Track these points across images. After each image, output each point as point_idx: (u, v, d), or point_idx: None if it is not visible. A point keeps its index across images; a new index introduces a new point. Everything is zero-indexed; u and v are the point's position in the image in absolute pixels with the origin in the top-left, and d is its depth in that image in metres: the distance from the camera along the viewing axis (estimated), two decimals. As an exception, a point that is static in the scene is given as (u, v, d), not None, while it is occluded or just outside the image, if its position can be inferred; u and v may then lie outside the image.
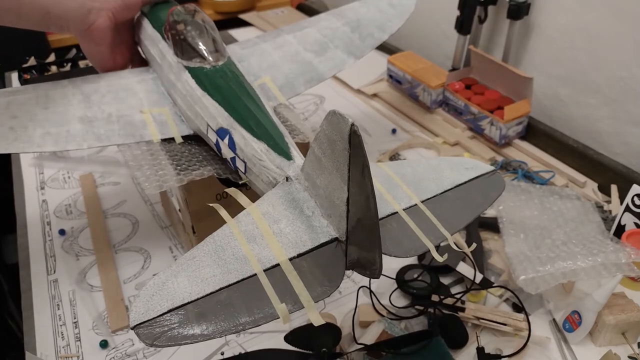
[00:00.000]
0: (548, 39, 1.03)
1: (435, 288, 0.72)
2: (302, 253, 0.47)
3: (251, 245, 0.47)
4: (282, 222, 0.49)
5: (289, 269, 0.45)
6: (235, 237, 0.48)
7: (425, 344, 0.61)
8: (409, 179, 0.56)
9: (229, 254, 0.46)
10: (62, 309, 0.73)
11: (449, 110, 1.12)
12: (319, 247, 0.48)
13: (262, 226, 0.49)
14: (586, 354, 0.65)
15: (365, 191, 0.41)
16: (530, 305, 0.70)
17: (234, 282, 0.44)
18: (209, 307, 0.43)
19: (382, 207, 0.51)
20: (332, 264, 0.47)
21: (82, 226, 0.87)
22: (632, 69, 0.90)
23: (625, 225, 0.78)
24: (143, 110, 0.69)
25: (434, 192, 0.55)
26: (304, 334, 0.62)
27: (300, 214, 0.50)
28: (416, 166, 0.58)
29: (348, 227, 0.45)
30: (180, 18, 0.71)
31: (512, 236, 0.77)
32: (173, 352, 0.67)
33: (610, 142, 0.98)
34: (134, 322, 0.41)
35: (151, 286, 0.44)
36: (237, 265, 0.45)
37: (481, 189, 0.57)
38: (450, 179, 0.56)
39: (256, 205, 0.51)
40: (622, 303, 0.65)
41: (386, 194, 0.53)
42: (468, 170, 0.58)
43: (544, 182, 0.93)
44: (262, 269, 0.45)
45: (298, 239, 0.48)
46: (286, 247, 0.47)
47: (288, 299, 0.44)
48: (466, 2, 1.10)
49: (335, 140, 0.41)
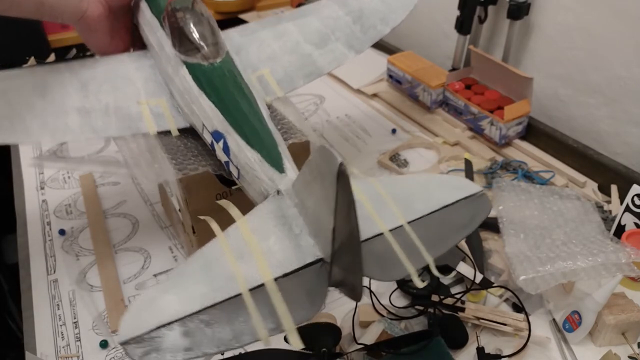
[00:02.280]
0: (548, 39, 1.03)
1: (435, 288, 0.72)
2: (288, 273, 0.47)
3: (239, 263, 0.47)
4: (271, 240, 0.49)
5: (274, 290, 0.45)
6: (224, 253, 0.48)
7: (425, 344, 0.61)
8: (399, 197, 0.54)
9: (218, 271, 0.46)
10: (62, 309, 0.73)
11: (449, 110, 1.12)
12: (305, 267, 0.47)
13: (251, 243, 0.49)
14: (586, 354, 0.65)
15: (351, 225, 0.40)
16: (530, 305, 0.70)
17: (220, 301, 0.44)
18: (196, 326, 0.43)
19: (368, 227, 0.51)
20: (315, 285, 0.47)
21: (82, 226, 0.87)
22: (632, 69, 0.90)
23: (625, 225, 0.78)
24: (140, 101, 0.68)
25: (421, 213, 0.53)
26: (303, 334, 0.62)
27: (289, 232, 0.50)
28: (407, 183, 0.57)
29: (333, 251, 0.44)
30: (180, 6, 0.68)
31: (512, 236, 0.77)
32: (173, 352, 0.67)
33: (610, 142, 0.98)
34: (123, 338, 0.41)
35: (141, 302, 0.44)
36: (224, 283, 0.46)
37: (468, 210, 0.55)
38: (438, 199, 0.55)
39: (246, 220, 0.51)
40: (622, 303, 0.65)
41: (374, 213, 0.52)
42: (457, 190, 0.56)
43: (544, 182, 0.93)
44: (247, 289, 0.45)
45: (285, 258, 0.48)
46: (273, 266, 0.47)
47: (270, 320, 0.44)
48: (466, 2, 1.10)
49: (324, 174, 0.41)
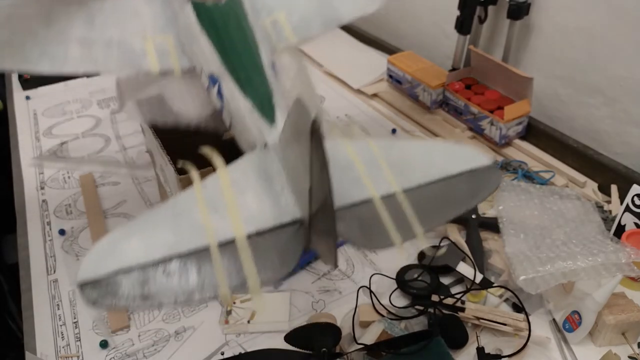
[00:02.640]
0: (548, 39, 1.03)
1: (435, 288, 0.72)
2: (262, 231, 0.45)
3: (212, 215, 0.45)
4: (249, 194, 0.47)
5: (244, 247, 0.43)
6: (197, 204, 0.45)
7: (425, 344, 0.61)
8: (395, 162, 0.51)
9: (187, 221, 0.44)
10: (62, 309, 0.73)
11: (449, 110, 1.12)
12: (281, 227, 0.45)
13: (227, 195, 0.46)
14: (586, 354, 0.65)
15: (324, 188, 0.39)
16: (530, 305, 0.70)
17: (185, 252, 0.42)
18: (155, 275, 0.41)
19: (357, 190, 0.48)
20: (289, 246, 0.44)
21: (82, 226, 0.87)
22: (632, 69, 0.90)
23: (625, 225, 0.78)
24: (146, 37, 0.65)
25: (419, 182, 0.50)
26: (304, 334, 0.62)
27: (269, 188, 0.47)
28: (407, 148, 0.53)
29: (310, 212, 0.42)
30: None
31: (512, 236, 0.77)
32: (173, 352, 0.67)
33: (610, 142, 0.98)
34: (80, 280, 0.40)
35: (104, 244, 0.42)
36: (192, 234, 0.43)
37: (472, 183, 0.51)
38: (440, 169, 0.51)
39: (227, 171, 0.48)
40: (622, 303, 0.65)
41: (365, 176, 0.49)
42: (464, 160, 0.52)
43: (544, 182, 0.93)
44: (216, 243, 0.43)
45: (261, 215, 0.45)
46: (247, 221, 0.45)
47: (235, 277, 0.42)
48: (466, 2, 1.10)
49: (300, 131, 0.39)
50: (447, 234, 0.81)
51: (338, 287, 0.76)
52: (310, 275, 0.78)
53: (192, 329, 0.70)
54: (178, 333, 0.69)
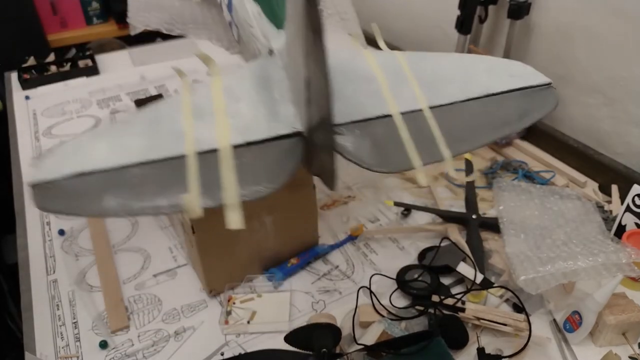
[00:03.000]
0: (548, 38, 1.03)
1: (435, 288, 0.72)
2: (253, 142, 0.40)
3: (196, 122, 0.40)
4: (243, 102, 0.42)
5: (227, 158, 0.38)
6: (181, 109, 0.41)
7: (426, 344, 0.61)
8: (426, 76, 0.45)
9: (166, 127, 0.40)
10: (62, 309, 0.73)
11: (449, 110, 1.12)
12: (276, 140, 0.40)
13: (217, 102, 0.42)
14: (587, 354, 0.65)
15: (322, 67, 0.33)
16: (530, 305, 0.70)
17: (157, 159, 0.38)
18: (118, 182, 0.37)
19: (374, 105, 0.43)
20: (282, 161, 0.40)
21: (82, 226, 0.87)
22: (632, 69, 0.90)
23: (625, 225, 0.77)
24: None
25: (453, 99, 0.44)
26: (303, 334, 0.62)
27: (267, 96, 0.42)
28: (443, 62, 0.47)
29: (308, 116, 0.38)
30: None
31: (513, 236, 0.76)
32: (172, 352, 0.67)
33: (610, 142, 0.97)
34: (34, 180, 0.36)
35: (70, 145, 0.39)
36: (168, 141, 0.39)
37: (521, 103, 0.45)
38: (482, 85, 0.45)
39: (223, 77, 0.44)
40: (623, 303, 0.65)
41: (386, 89, 0.43)
42: (512, 78, 0.46)
43: (544, 182, 0.93)
44: (195, 151, 0.39)
45: (255, 125, 0.41)
46: (236, 131, 0.40)
47: (210, 191, 0.37)
48: (466, 2, 1.09)
49: (297, 15, 0.35)
50: (447, 234, 0.81)
51: (338, 287, 0.75)
52: (310, 276, 0.78)
53: (192, 329, 0.70)
54: (178, 333, 0.69)
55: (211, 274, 0.72)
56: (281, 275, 0.75)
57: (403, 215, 0.88)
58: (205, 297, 0.74)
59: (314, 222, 0.79)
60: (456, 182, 0.94)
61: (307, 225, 0.79)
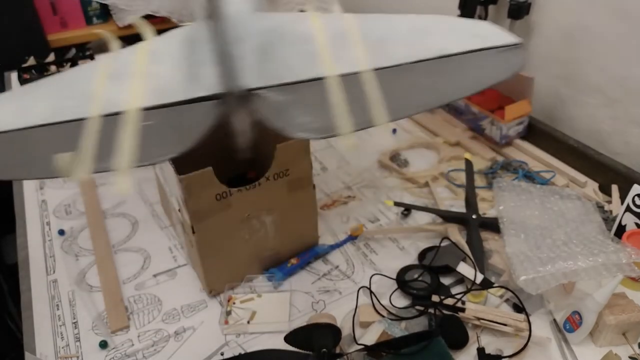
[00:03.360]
0: (548, 38, 1.03)
1: (435, 288, 0.72)
2: (167, 104, 0.39)
3: (110, 84, 0.39)
4: (166, 65, 0.41)
5: (132, 120, 0.37)
6: (98, 71, 0.40)
7: (426, 344, 0.61)
8: (375, 37, 0.42)
9: (78, 89, 0.40)
10: (62, 309, 0.73)
11: (449, 110, 1.12)
12: (192, 102, 0.39)
13: (139, 64, 0.41)
14: (587, 354, 0.65)
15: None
16: (530, 305, 0.70)
17: (59, 121, 0.38)
18: (12, 146, 0.37)
19: (306, 66, 0.40)
20: (194, 125, 0.38)
21: (82, 226, 0.87)
22: (632, 69, 0.90)
23: (625, 225, 0.77)
24: None
25: (401, 60, 0.40)
26: (304, 335, 0.62)
27: (192, 58, 0.41)
28: (398, 22, 0.44)
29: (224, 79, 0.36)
30: None
31: (513, 236, 0.76)
32: (172, 352, 0.67)
33: (610, 142, 0.97)
34: None
35: None
36: (76, 103, 0.39)
37: (480, 65, 0.41)
38: (436, 46, 0.41)
39: (152, 41, 0.43)
40: (623, 303, 0.65)
41: (324, 51, 0.40)
42: (473, 37, 0.42)
43: (544, 182, 0.93)
44: (100, 114, 0.38)
45: (171, 86, 0.40)
46: (152, 93, 0.39)
47: (105, 154, 0.36)
48: (466, 2, 1.10)
49: None
50: (447, 234, 0.81)
51: (338, 287, 0.75)
52: (310, 276, 0.78)
53: (192, 329, 0.70)
54: (178, 333, 0.69)
55: (211, 274, 0.72)
56: (281, 275, 0.75)
57: (403, 215, 0.88)
58: (205, 297, 0.74)
59: (314, 222, 0.79)
60: (456, 182, 0.94)
61: (307, 225, 0.79)
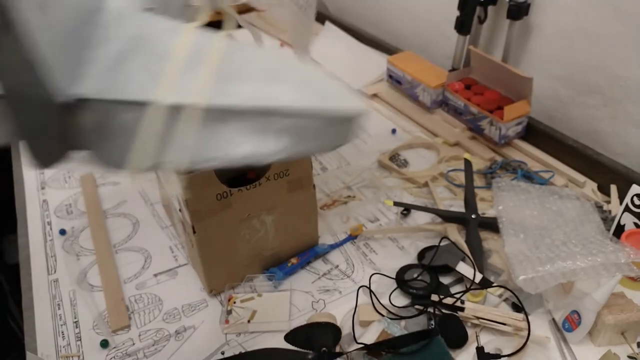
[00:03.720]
0: (548, 39, 1.03)
1: (434, 288, 0.72)
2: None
3: None
4: None
5: None
6: None
7: (425, 343, 0.61)
8: (230, 69, 0.37)
9: None
10: (63, 309, 0.73)
11: (449, 110, 1.12)
12: None
13: None
14: (586, 353, 0.65)
15: None
16: (529, 305, 0.70)
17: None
18: None
19: (142, 86, 0.36)
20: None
21: (83, 226, 0.88)
22: (632, 69, 0.90)
23: (624, 225, 0.78)
24: None
25: (234, 103, 0.36)
26: (303, 334, 0.63)
27: None
28: (261, 58, 0.39)
29: None
30: None
31: (512, 236, 0.77)
32: (173, 352, 0.67)
33: (609, 142, 0.98)
34: None
35: None
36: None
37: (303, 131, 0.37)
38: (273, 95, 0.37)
39: None
40: (622, 303, 0.66)
41: (172, 73, 0.36)
42: (314, 95, 0.37)
43: (543, 182, 0.93)
44: None
45: None
46: None
47: None
48: (466, 2, 1.10)
49: None
50: (446, 233, 0.81)
51: (338, 286, 0.76)
52: (310, 275, 0.78)
53: (193, 328, 0.70)
54: (178, 333, 0.70)
55: (211, 274, 0.72)
56: (281, 274, 0.75)
57: (403, 215, 0.89)
58: (205, 297, 0.74)
59: (314, 222, 0.80)
60: (455, 182, 0.95)
61: (307, 225, 0.79)
